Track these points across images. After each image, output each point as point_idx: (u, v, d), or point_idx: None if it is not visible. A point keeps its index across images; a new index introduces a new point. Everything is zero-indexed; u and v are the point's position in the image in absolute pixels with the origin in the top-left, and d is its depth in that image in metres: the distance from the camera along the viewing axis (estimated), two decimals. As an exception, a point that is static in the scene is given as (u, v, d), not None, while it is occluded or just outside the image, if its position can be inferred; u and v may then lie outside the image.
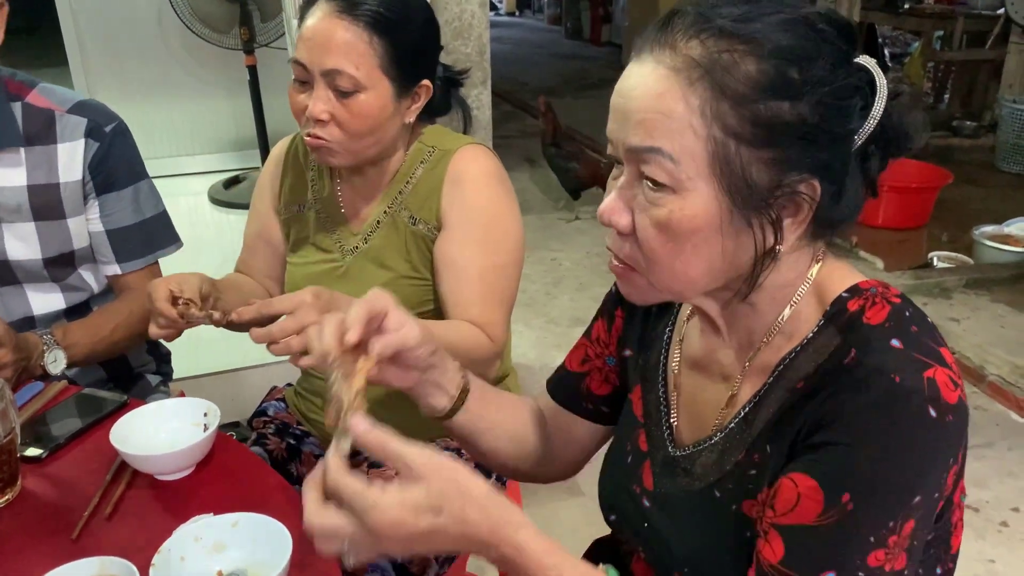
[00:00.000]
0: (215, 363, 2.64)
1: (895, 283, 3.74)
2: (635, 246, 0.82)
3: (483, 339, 1.37)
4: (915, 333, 0.78)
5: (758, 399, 0.87)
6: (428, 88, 1.42)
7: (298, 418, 1.63)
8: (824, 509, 0.74)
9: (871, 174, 0.83)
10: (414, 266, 1.44)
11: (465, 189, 1.41)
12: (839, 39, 0.78)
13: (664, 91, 0.76)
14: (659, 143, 0.77)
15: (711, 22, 0.76)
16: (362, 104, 1.33)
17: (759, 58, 0.75)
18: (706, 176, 0.77)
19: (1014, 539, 2.39)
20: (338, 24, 1.30)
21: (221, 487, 1.15)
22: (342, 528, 0.73)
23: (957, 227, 4.41)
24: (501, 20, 14.17)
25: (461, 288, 1.39)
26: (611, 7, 11.02)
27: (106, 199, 1.57)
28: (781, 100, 0.75)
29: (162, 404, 1.25)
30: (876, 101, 0.78)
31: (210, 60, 4.58)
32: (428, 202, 1.43)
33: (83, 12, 4.42)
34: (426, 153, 1.46)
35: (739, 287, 0.85)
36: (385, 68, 1.33)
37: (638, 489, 0.98)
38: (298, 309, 1.15)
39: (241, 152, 4.80)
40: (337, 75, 1.31)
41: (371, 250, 1.46)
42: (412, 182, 1.45)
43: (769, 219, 0.79)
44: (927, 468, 0.74)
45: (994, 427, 2.92)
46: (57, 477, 1.18)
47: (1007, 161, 5.53)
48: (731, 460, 0.87)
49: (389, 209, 1.46)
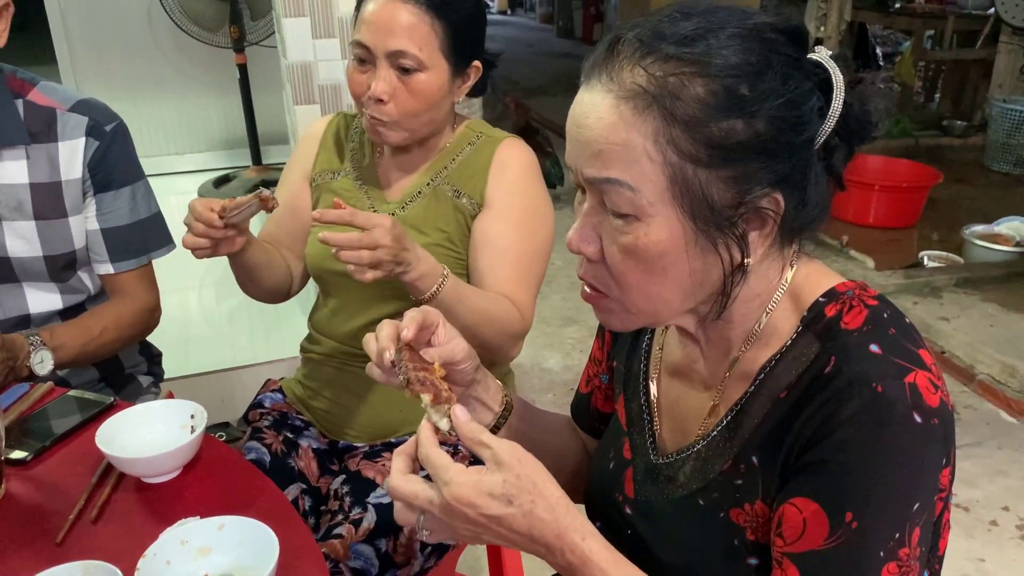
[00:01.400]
0: (205, 363, 2.64)
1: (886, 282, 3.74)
2: (606, 272, 0.82)
3: (516, 313, 1.42)
4: (893, 336, 0.78)
5: (740, 407, 0.87)
6: (478, 68, 1.50)
7: (297, 408, 1.64)
8: (830, 531, 0.74)
9: (836, 169, 0.82)
10: (450, 237, 1.48)
11: (512, 174, 1.49)
12: (788, 46, 0.78)
13: (615, 121, 0.76)
14: (616, 174, 0.77)
15: (655, 47, 0.75)
16: (423, 83, 1.40)
17: (707, 79, 0.74)
18: (667, 201, 0.76)
19: (1003, 538, 2.40)
20: (401, 7, 1.37)
21: (208, 490, 1.14)
22: (419, 498, 0.78)
23: (947, 226, 4.42)
24: (493, 19, 14.15)
25: (499, 265, 1.45)
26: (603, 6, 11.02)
27: (103, 198, 1.57)
28: (734, 119, 0.74)
29: (149, 406, 1.24)
30: (834, 98, 0.78)
31: (200, 58, 4.56)
32: (474, 180, 1.49)
33: (72, 10, 4.40)
34: (474, 136, 1.54)
35: (712, 304, 0.85)
36: (444, 49, 1.40)
37: (620, 497, 0.98)
38: (376, 228, 1.21)
39: (231, 151, 4.78)
40: (401, 56, 1.37)
41: (408, 217, 1.49)
42: (458, 159, 1.52)
43: (734, 236, 0.78)
44: (921, 474, 0.74)
45: (984, 426, 2.93)
46: (42, 480, 1.17)
47: (997, 161, 5.55)
48: (715, 469, 0.87)
49: (432, 182, 1.51)
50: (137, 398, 1.73)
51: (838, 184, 0.84)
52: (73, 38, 4.46)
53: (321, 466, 1.54)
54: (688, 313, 0.87)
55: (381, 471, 1.44)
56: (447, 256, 1.48)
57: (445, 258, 1.46)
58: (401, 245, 1.24)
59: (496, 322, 1.40)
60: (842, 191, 0.85)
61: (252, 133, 4.40)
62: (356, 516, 1.36)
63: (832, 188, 0.83)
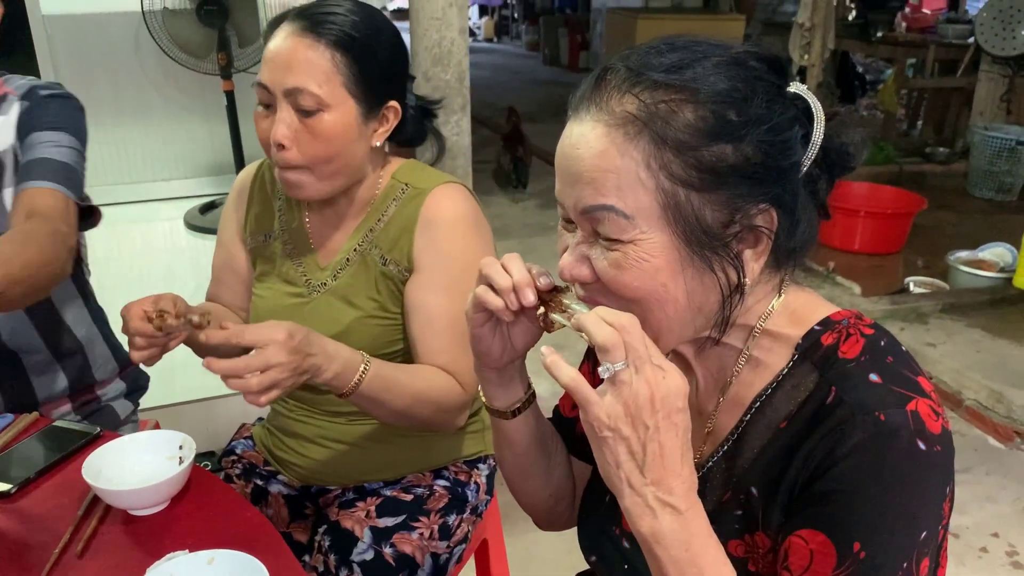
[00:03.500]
0: (191, 391, 2.61)
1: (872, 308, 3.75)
2: (603, 289, 0.81)
3: (454, 386, 1.35)
4: (891, 365, 0.78)
5: (737, 436, 0.86)
6: (396, 110, 1.37)
7: (265, 456, 1.58)
8: (838, 562, 0.73)
9: (820, 197, 0.84)
10: (383, 305, 1.40)
11: (439, 233, 1.36)
12: (770, 74, 0.79)
13: (607, 148, 0.77)
14: (610, 200, 0.77)
15: (644, 75, 0.77)
16: (326, 124, 1.28)
17: (696, 105, 0.75)
18: (661, 227, 0.77)
19: (994, 564, 2.40)
20: (300, 43, 1.27)
21: (197, 522, 1.12)
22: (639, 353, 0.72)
23: (932, 252, 4.46)
24: (480, 46, 14.27)
25: (431, 335, 1.36)
26: (588, 34, 11.13)
27: (28, 140, 1.46)
28: (723, 143, 0.75)
29: (136, 437, 1.22)
30: (815, 127, 0.80)
31: (187, 84, 4.56)
32: (400, 242, 1.38)
33: (58, 35, 4.39)
34: (399, 190, 1.41)
35: (712, 328, 0.84)
36: (349, 87, 1.29)
37: (617, 531, 0.97)
38: (269, 346, 1.11)
39: (218, 177, 4.77)
40: (299, 93, 1.27)
41: (339, 288, 1.42)
42: (384, 219, 1.40)
43: (729, 258, 0.79)
44: (926, 501, 0.74)
45: (972, 452, 2.93)
46: (26, 513, 1.15)
47: (979, 187, 5.62)
48: (713, 499, 0.87)
49: (359, 247, 1.41)
50: (117, 428, 1.68)
51: (823, 212, 0.85)
52: (59, 64, 4.45)
53: (292, 512, 1.50)
54: (689, 340, 0.87)
55: (359, 521, 1.38)
56: (384, 327, 1.40)
57: (382, 330, 1.40)
58: (303, 354, 1.14)
59: (432, 401, 1.32)
60: (827, 219, 0.86)
61: (239, 159, 4.39)
62: None
63: (818, 216, 0.84)
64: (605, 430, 0.72)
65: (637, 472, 0.72)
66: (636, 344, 0.71)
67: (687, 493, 0.73)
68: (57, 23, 4.39)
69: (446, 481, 1.49)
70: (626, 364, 0.71)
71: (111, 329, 1.76)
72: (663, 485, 0.72)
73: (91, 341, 1.69)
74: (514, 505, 1.13)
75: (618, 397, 0.71)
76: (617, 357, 0.71)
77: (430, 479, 1.49)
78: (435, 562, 1.39)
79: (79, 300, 1.68)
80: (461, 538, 1.46)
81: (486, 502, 1.57)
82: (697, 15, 9.20)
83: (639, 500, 0.72)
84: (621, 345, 0.71)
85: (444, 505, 1.45)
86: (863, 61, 8.71)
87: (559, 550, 2.31)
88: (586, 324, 0.73)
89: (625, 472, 0.72)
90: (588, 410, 0.72)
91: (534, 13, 13.89)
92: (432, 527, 1.41)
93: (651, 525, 0.72)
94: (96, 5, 4.44)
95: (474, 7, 15.22)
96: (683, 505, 0.72)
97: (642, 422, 0.71)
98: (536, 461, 1.04)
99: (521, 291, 0.84)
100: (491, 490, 1.58)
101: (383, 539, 1.36)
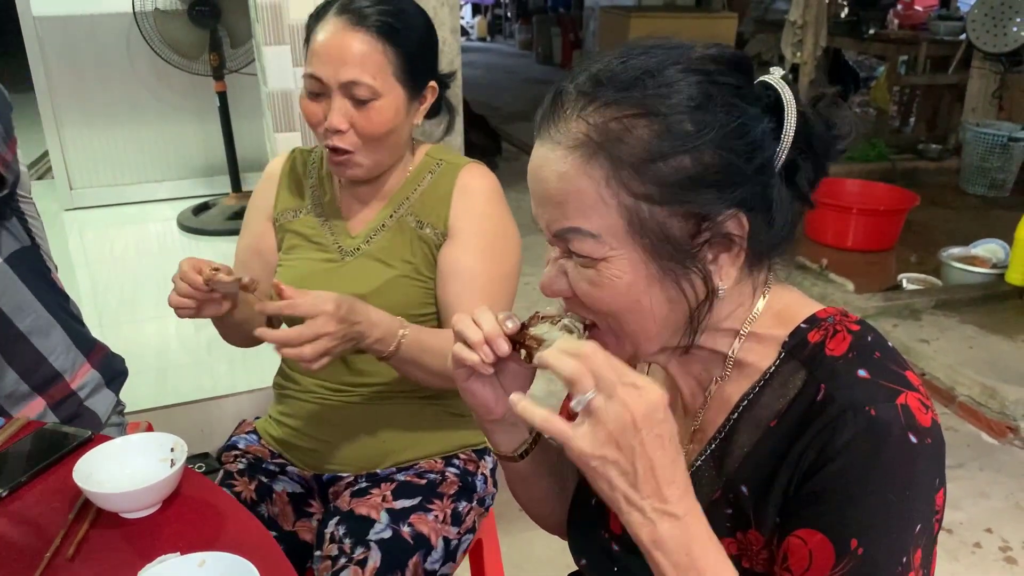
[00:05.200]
0: (183, 392, 2.60)
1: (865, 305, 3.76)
2: (583, 306, 0.83)
3: None
4: (879, 360, 0.78)
5: (724, 435, 0.86)
6: (434, 89, 1.47)
7: (272, 449, 1.59)
8: (837, 560, 0.74)
9: (802, 188, 0.82)
10: (416, 268, 1.46)
11: (476, 200, 1.46)
12: (730, 75, 0.78)
13: (566, 170, 0.78)
14: (576, 222, 0.78)
15: (595, 96, 0.77)
16: (379, 110, 1.37)
17: (649, 119, 0.75)
18: (628, 243, 0.78)
19: (987, 560, 2.40)
20: (352, 36, 1.34)
21: (188, 525, 1.12)
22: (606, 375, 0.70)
23: (925, 249, 4.47)
24: (473, 45, 14.26)
25: (467, 295, 1.42)
26: (581, 32, 11.12)
27: None
28: (680, 155, 0.75)
29: (127, 439, 1.22)
30: (786, 118, 0.79)
31: (179, 86, 4.56)
32: (436, 209, 1.46)
33: (49, 36, 4.39)
34: (434, 164, 1.51)
35: (681, 337, 0.85)
36: (397, 75, 1.38)
37: (606, 534, 0.97)
38: (319, 317, 1.19)
39: (210, 178, 4.76)
40: (355, 86, 1.35)
41: (373, 251, 1.48)
42: (420, 189, 1.49)
43: (697, 270, 0.79)
44: (920, 494, 0.74)
45: (965, 448, 2.94)
46: (17, 516, 1.15)
47: (972, 184, 5.63)
48: (704, 500, 0.86)
49: (395, 213, 1.49)
50: (101, 429, 1.61)
51: (807, 203, 0.84)
52: (50, 65, 4.44)
53: (297, 510, 1.51)
54: (662, 348, 0.87)
55: (375, 506, 1.40)
56: (415, 287, 1.46)
57: (416, 290, 1.45)
58: (350, 322, 1.22)
59: None
60: (812, 209, 0.85)
61: (231, 160, 4.38)
62: (360, 556, 1.32)
63: (800, 208, 0.84)
64: (591, 460, 0.71)
65: (632, 490, 0.72)
66: (602, 370, 0.70)
67: (683, 498, 0.73)
68: (48, 24, 4.38)
69: (456, 469, 1.52)
70: (596, 392, 0.70)
71: (71, 314, 1.66)
72: (659, 496, 0.72)
73: (40, 330, 1.56)
74: (509, 504, 1.13)
75: (595, 426, 0.70)
76: (585, 387, 0.70)
77: (441, 465, 1.51)
78: (447, 546, 1.41)
79: (20, 286, 1.54)
80: (469, 526, 1.48)
81: (492, 496, 1.58)
82: (690, 13, 9.18)
83: (638, 514, 0.72)
84: (587, 374, 0.70)
85: (455, 491, 1.47)
86: (855, 58, 8.72)
87: (553, 550, 2.30)
88: (548, 361, 0.73)
89: (620, 492, 0.72)
90: (568, 445, 0.72)
91: (527, 12, 13.86)
92: (445, 511, 1.43)
93: (651, 534, 0.72)
94: (87, 6, 4.44)
95: (467, 6, 15.21)
96: (680, 510, 0.72)
97: (627, 443, 0.70)
98: (549, 489, 1.05)
99: (494, 342, 0.84)
100: (496, 484, 1.59)
101: (401, 519, 1.38)
